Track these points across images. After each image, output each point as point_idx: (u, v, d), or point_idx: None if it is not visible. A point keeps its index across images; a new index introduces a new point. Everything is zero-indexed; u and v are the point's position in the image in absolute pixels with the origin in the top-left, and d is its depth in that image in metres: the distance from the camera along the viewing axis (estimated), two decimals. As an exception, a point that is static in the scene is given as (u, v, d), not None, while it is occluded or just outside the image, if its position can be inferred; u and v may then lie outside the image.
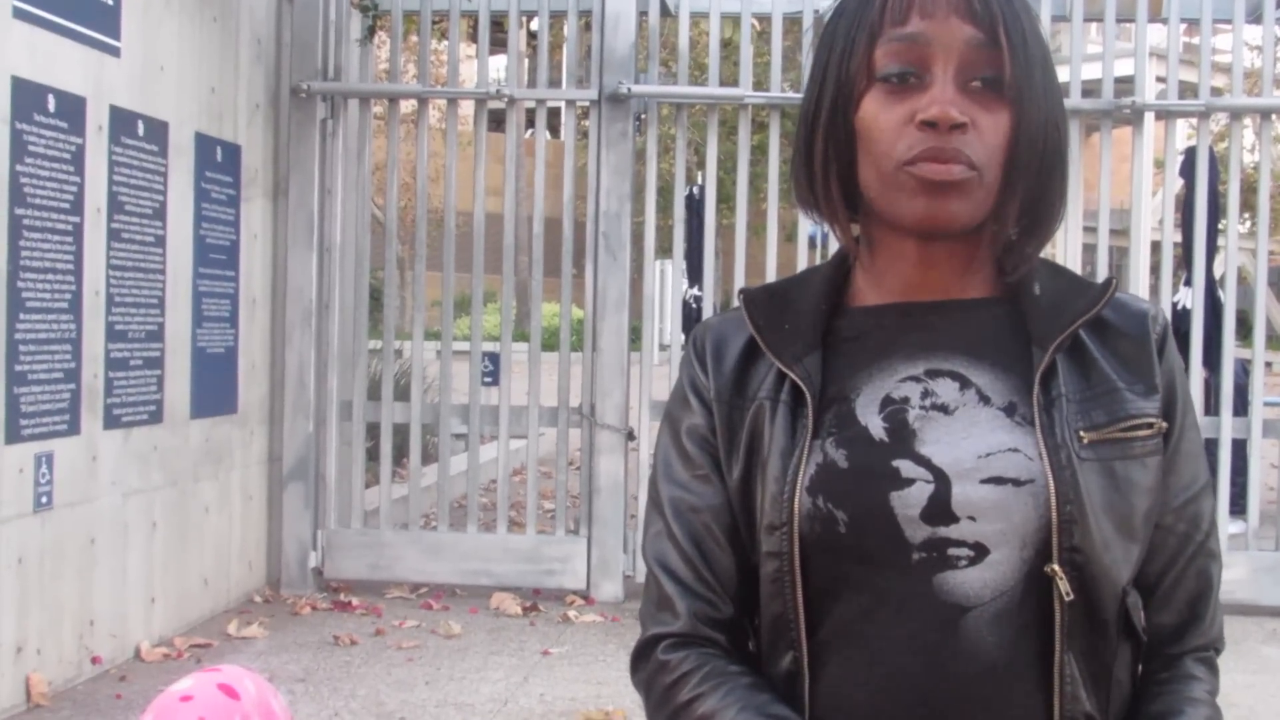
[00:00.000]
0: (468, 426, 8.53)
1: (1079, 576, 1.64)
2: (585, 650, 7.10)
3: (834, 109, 1.71)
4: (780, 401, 1.74)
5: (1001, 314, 1.77)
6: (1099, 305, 1.76)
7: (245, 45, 7.90)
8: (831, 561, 1.66)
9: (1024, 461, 1.65)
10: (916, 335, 1.75)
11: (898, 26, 1.66)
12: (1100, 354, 1.75)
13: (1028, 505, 1.64)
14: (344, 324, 8.46)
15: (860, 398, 1.72)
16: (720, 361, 1.82)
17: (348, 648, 7.02)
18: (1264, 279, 8.45)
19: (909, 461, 1.66)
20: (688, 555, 1.79)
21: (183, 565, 7.25)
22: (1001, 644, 1.65)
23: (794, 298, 1.83)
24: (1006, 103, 1.66)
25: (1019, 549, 1.64)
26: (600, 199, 8.31)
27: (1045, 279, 1.79)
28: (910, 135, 1.64)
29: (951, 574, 1.64)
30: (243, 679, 2.14)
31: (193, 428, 7.31)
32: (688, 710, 1.74)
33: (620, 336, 8.34)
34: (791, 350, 1.76)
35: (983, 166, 1.64)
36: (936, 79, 1.65)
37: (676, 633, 1.79)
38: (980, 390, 1.71)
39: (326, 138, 8.39)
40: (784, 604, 1.69)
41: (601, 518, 8.30)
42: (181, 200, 7.16)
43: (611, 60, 8.31)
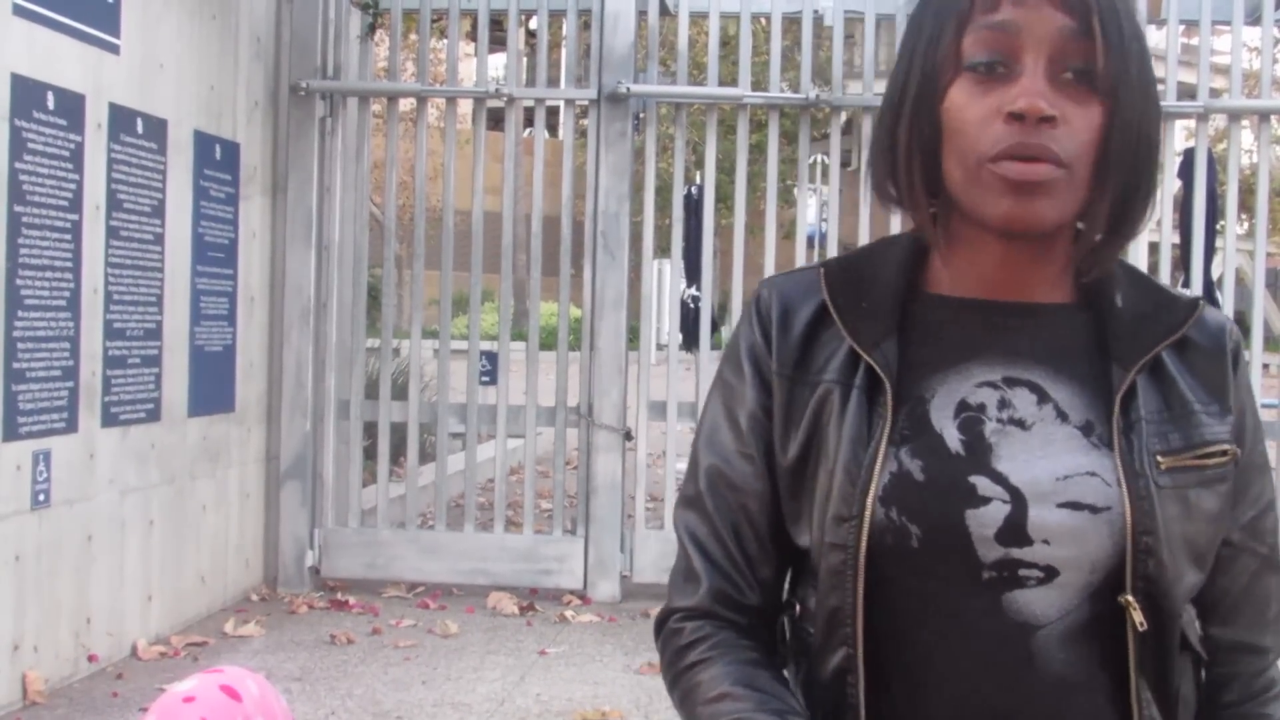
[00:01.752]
0: (465, 426, 8.53)
1: (1151, 606, 1.63)
2: (582, 650, 7.09)
3: (919, 98, 1.66)
4: (855, 386, 1.69)
5: (1081, 324, 1.73)
6: (1184, 327, 1.73)
7: (244, 43, 7.90)
8: (897, 573, 1.64)
9: (1102, 487, 1.62)
10: (995, 338, 1.71)
11: (988, 14, 1.61)
12: (1179, 372, 1.71)
13: (1103, 533, 1.61)
14: (342, 322, 8.46)
15: (935, 399, 1.68)
16: (786, 330, 1.76)
17: (344, 647, 7.02)
18: (1261, 280, 8.45)
19: (986, 479, 1.63)
20: (719, 532, 1.78)
21: (180, 563, 7.24)
22: (1070, 662, 1.64)
23: (870, 274, 1.77)
24: (1099, 96, 1.60)
25: (1088, 573, 1.62)
26: (599, 198, 8.31)
27: (1126, 288, 1.75)
28: (997, 128, 1.58)
29: (1020, 593, 1.62)
30: (245, 680, 2.14)
31: (190, 426, 7.31)
32: (690, 673, 1.75)
33: (618, 336, 8.33)
34: (869, 333, 1.70)
35: (1071, 163, 1.58)
36: (1026, 70, 1.59)
37: (694, 607, 1.79)
38: (1058, 406, 1.68)
39: (325, 136, 8.39)
40: (843, 598, 1.65)
41: (599, 518, 8.30)
42: (180, 198, 7.16)
43: (610, 59, 8.30)
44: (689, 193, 9.48)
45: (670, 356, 8.68)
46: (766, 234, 8.47)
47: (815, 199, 22.08)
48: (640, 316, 8.56)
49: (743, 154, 8.49)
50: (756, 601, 1.78)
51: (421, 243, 8.48)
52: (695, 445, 1.84)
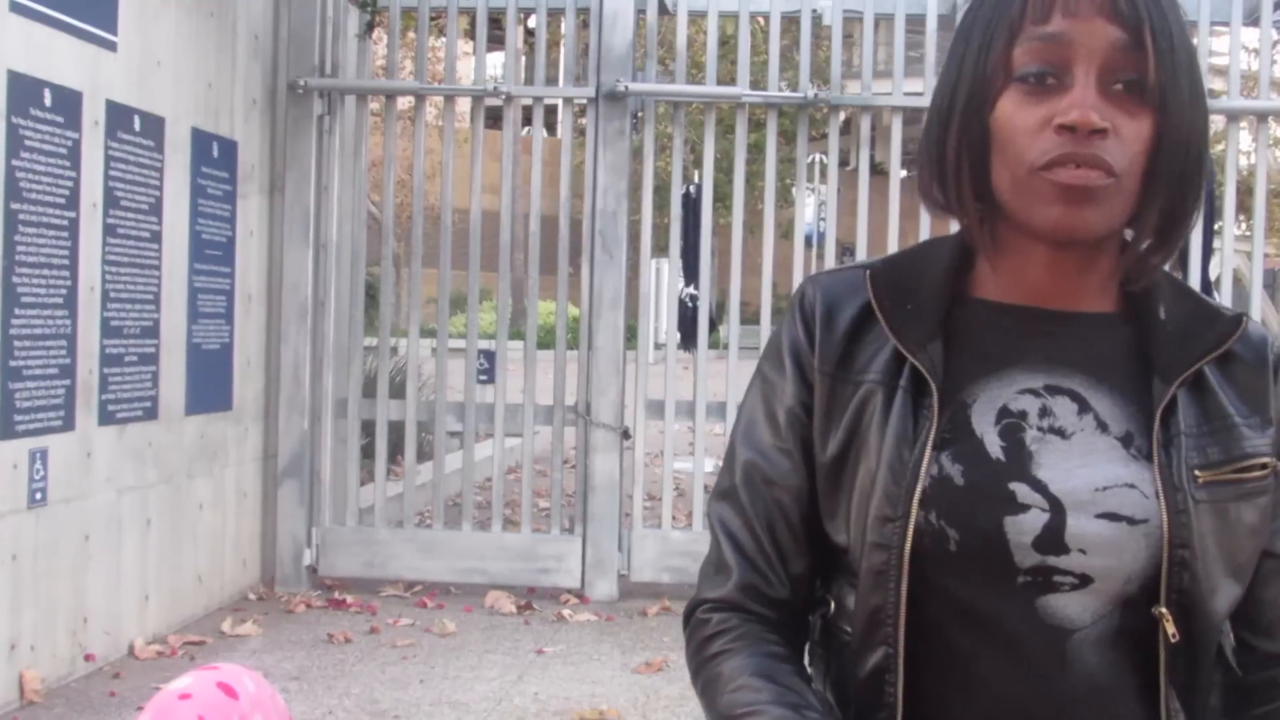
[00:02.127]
0: (463, 424, 8.52)
1: (1184, 618, 1.64)
2: (580, 649, 7.09)
3: (969, 106, 1.66)
4: (900, 388, 1.69)
5: (1125, 335, 1.74)
6: (1228, 343, 1.73)
7: (242, 41, 7.89)
8: (933, 575, 1.65)
9: (1140, 499, 1.63)
10: (1038, 345, 1.71)
11: (1039, 24, 1.61)
12: (1219, 385, 1.71)
13: (1140, 545, 1.62)
14: (339, 321, 8.45)
15: (976, 404, 1.69)
16: (830, 328, 1.77)
17: (342, 646, 7.01)
18: (1259, 281, 8.44)
19: (1025, 486, 1.63)
20: (752, 526, 1.79)
21: (177, 562, 7.23)
22: (1104, 667, 1.65)
23: (916, 276, 1.78)
24: (1149, 108, 1.60)
25: (1123, 583, 1.63)
26: (597, 197, 8.30)
27: (1170, 301, 1.75)
28: (1047, 139, 1.59)
29: (1055, 597, 1.63)
30: (242, 677, 2.13)
31: (188, 424, 7.30)
32: (712, 663, 1.77)
33: (616, 335, 8.33)
34: (915, 335, 1.71)
35: (1122, 174, 1.58)
36: (1077, 81, 1.59)
37: (722, 599, 1.80)
38: (1098, 416, 1.68)
39: (323, 134, 8.38)
40: (885, 597, 1.66)
41: (596, 516, 8.29)
42: (177, 196, 7.15)
43: (609, 58, 8.30)
44: (687, 192, 9.47)
45: (668, 356, 8.67)
46: (764, 233, 8.46)
47: (814, 199, 22.09)
48: (638, 315, 8.55)
49: (741, 153, 8.49)
50: (786, 596, 1.79)
51: (419, 241, 8.47)
52: (732, 438, 1.86)
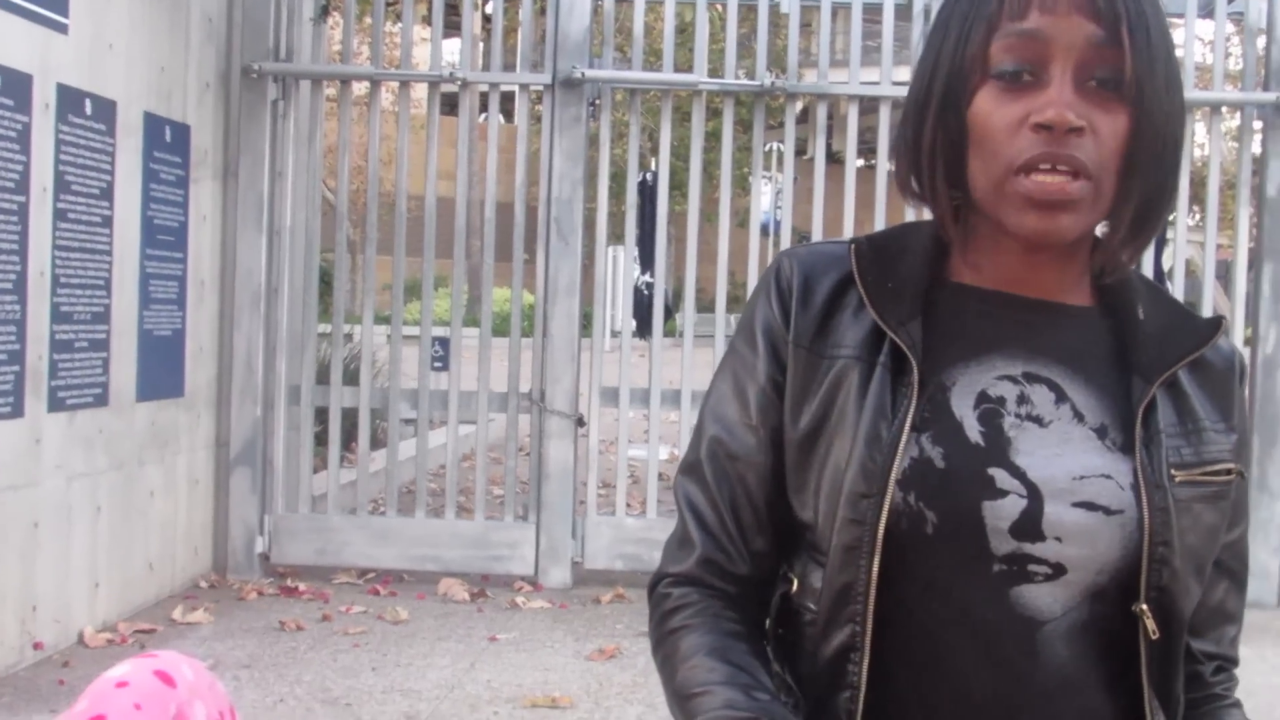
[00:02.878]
0: (417, 411, 8.50)
1: (1162, 615, 1.66)
2: (533, 636, 7.07)
3: (945, 101, 1.66)
4: (879, 364, 1.69)
5: (1101, 329, 1.75)
6: (1207, 345, 1.74)
7: (196, 24, 7.83)
8: (907, 557, 1.64)
9: (1116, 490, 1.64)
10: (1017, 332, 1.72)
11: (1016, 21, 1.61)
12: (1192, 388, 1.73)
13: (1114, 536, 1.63)
14: (293, 307, 8.41)
15: (956, 387, 1.69)
16: (807, 302, 1.76)
17: (294, 633, 6.98)
18: (1211, 271, 8.48)
19: (1004, 472, 1.64)
20: (715, 501, 1.79)
21: (127, 550, 7.18)
22: (1073, 658, 1.66)
23: (897, 256, 1.77)
24: (1126, 104, 1.60)
25: (1095, 573, 1.64)
26: (553, 184, 8.28)
27: (1148, 302, 1.76)
28: (1024, 138, 1.59)
29: (1028, 587, 1.64)
30: (180, 665, 2.10)
31: (139, 411, 7.25)
32: (671, 638, 1.78)
33: (571, 322, 8.31)
34: (895, 312, 1.71)
35: (1097, 173, 1.59)
36: (1054, 78, 1.59)
37: (683, 573, 1.81)
38: (1075, 406, 1.69)
39: (277, 119, 8.33)
40: (855, 574, 1.66)
41: (550, 504, 8.28)
42: (129, 180, 7.09)
43: (565, 44, 8.27)
44: (644, 179, 9.47)
45: (623, 343, 8.66)
46: (721, 222, 8.46)
47: (770, 187, 22.13)
48: (593, 303, 8.54)
49: (698, 141, 8.47)
50: (747, 571, 1.80)
51: (374, 227, 8.44)
52: (702, 413, 1.86)
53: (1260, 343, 8.26)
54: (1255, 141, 8.57)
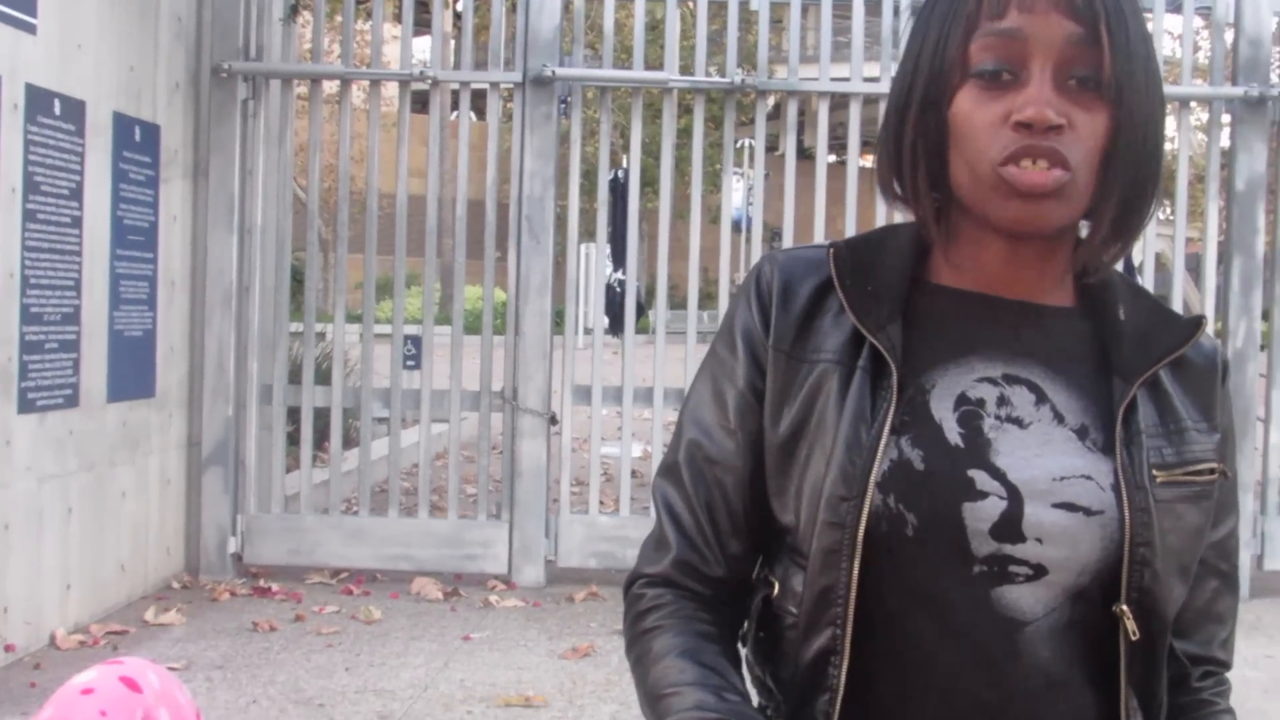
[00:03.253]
0: (389, 410, 8.49)
1: (1144, 616, 1.65)
2: (506, 635, 7.07)
3: (926, 101, 1.67)
4: (858, 368, 1.69)
5: (1082, 329, 1.75)
6: (1187, 344, 1.75)
7: (165, 24, 7.81)
8: (888, 560, 1.65)
9: (1096, 491, 1.64)
10: (997, 334, 1.72)
11: (995, 20, 1.61)
12: (1174, 388, 1.73)
13: (1095, 536, 1.63)
14: (264, 307, 8.39)
15: (935, 390, 1.69)
16: (787, 306, 1.77)
17: (266, 634, 6.96)
18: (1181, 264, 8.52)
19: (984, 474, 1.64)
20: (692, 504, 1.80)
21: (99, 551, 7.16)
22: (1055, 659, 1.66)
23: (877, 259, 1.78)
24: (1106, 102, 1.60)
25: (1076, 574, 1.64)
26: (524, 182, 8.27)
27: (1128, 302, 1.76)
28: (1005, 136, 1.59)
29: (1009, 588, 1.64)
30: (145, 671, 2.10)
31: (110, 412, 7.23)
32: (644, 638, 1.78)
33: (543, 320, 8.31)
34: (875, 316, 1.71)
35: (1077, 168, 1.59)
36: (1033, 77, 1.59)
37: (658, 574, 1.81)
38: (1055, 407, 1.69)
39: (248, 118, 8.31)
40: (836, 577, 1.66)
41: (523, 502, 8.28)
42: (99, 181, 7.07)
43: (536, 42, 8.27)
44: (615, 177, 9.46)
45: (596, 340, 8.66)
46: (692, 218, 8.46)
47: (742, 184, 22.14)
48: (566, 300, 8.53)
49: (669, 138, 8.47)
50: (722, 574, 1.80)
51: (345, 226, 8.42)
52: (681, 415, 1.87)
53: (1230, 337, 8.29)
54: (1224, 135, 8.61)
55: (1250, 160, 8.35)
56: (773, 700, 1.78)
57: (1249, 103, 8.28)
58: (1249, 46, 8.37)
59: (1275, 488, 8.52)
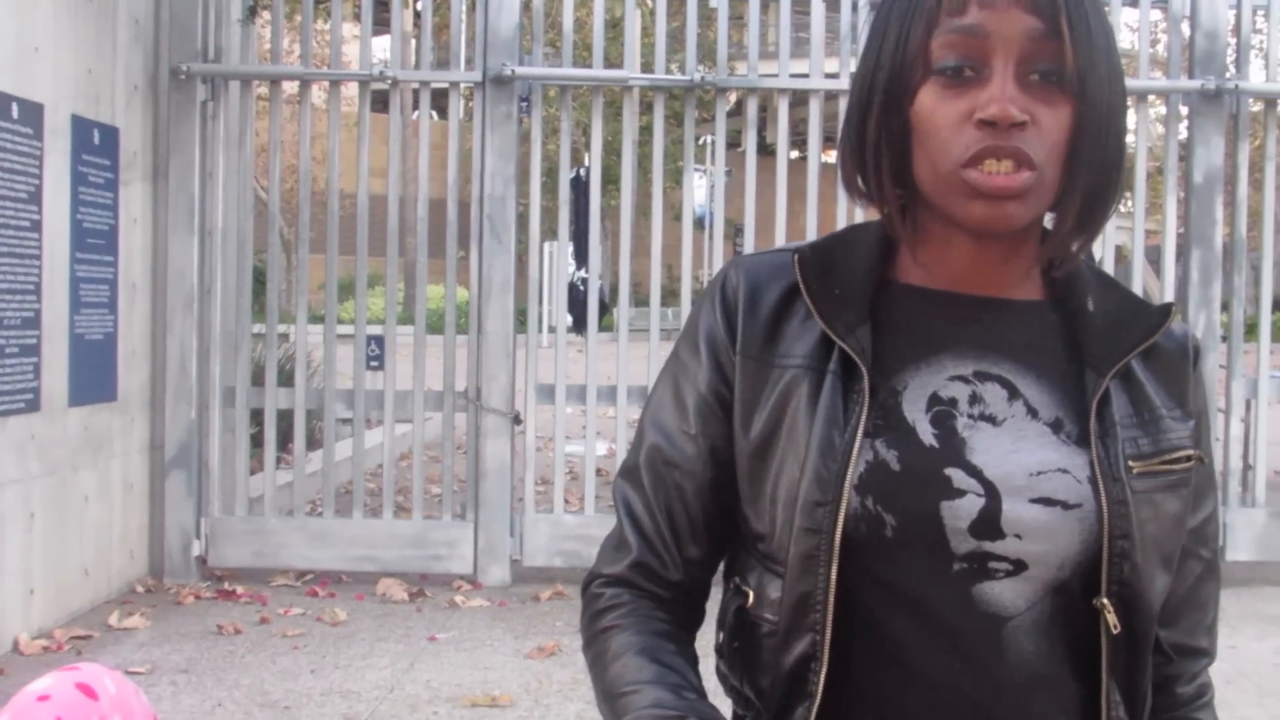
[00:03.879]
0: (353, 411, 8.47)
1: (1125, 609, 1.65)
2: (472, 635, 7.07)
3: (888, 98, 1.65)
4: (829, 371, 1.68)
5: (1051, 322, 1.74)
6: (1158, 333, 1.75)
7: (123, 26, 7.78)
8: (868, 562, 1.64)
9: (1073, 484, 1.64)
10: (967, 331, 1.71)
11: (955, 16, 1.60)
12: (1146, 377, 1.73)
13: (1074, 530, 1.63)
14: (226, 309, 8.37)
15: (907, 391, 1.68)
16: (754, 312, 1.75)
17: (232, 637, 6.95)
18: (1140, 254, 8.56)
19: (961, 471, 1.63)
20: (651, 507, 1.79)
21: (62, 556, 7.14)
22: (1040, 653, 1.65)
23: (842, 260, 1.76)
24: (1068, 96, 1.59)
25: (1056, 568, 1.64)
26: (485, 181, 8.27)
27: (1098, 293, 1.76)
28: (969, 134, 1.58)
29: (990, 584, 1.64)
30: (102, 678, 2.10)
31: (71, 416, 7.20)
32: (601, 638, 1.78)
33: (506, 319, 8.30)
34: (843, 319, 1.70)
35: (1042, 165, 1.59)
36: (996, 73, 1.58)
37: (616, 575, 1.81)
38: (1028, 402, 1.68)
39: (207, 120, 8.29)
40: (814, 583, 1.65)
41: (488, 502, 8.27)
42: (58, 184, 7.04)
43: (495, 42, 8.26)
44: (577, 175, 9.46)
45: (559, 339, 8.66)
46: (654, 216, 8.46)
47: (705, 180, 22.13)
48: (528, 299, 8.53)
49: (629, 136, 8.48)
50: (679, 578, 1.80)
51: (306, 227, 8.40)
52: (643, 416, 1.86)
53: (1190, 328, 8.32)
54: (1182, 128, 8.65)
55: (1208, 153, 8.40)
56: (751, 710, 1.77)
57: (1206, 96, 8.33)
58: (1205, 40, 8.42)
59: (1236, 478, 8.58)
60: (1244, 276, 8.74)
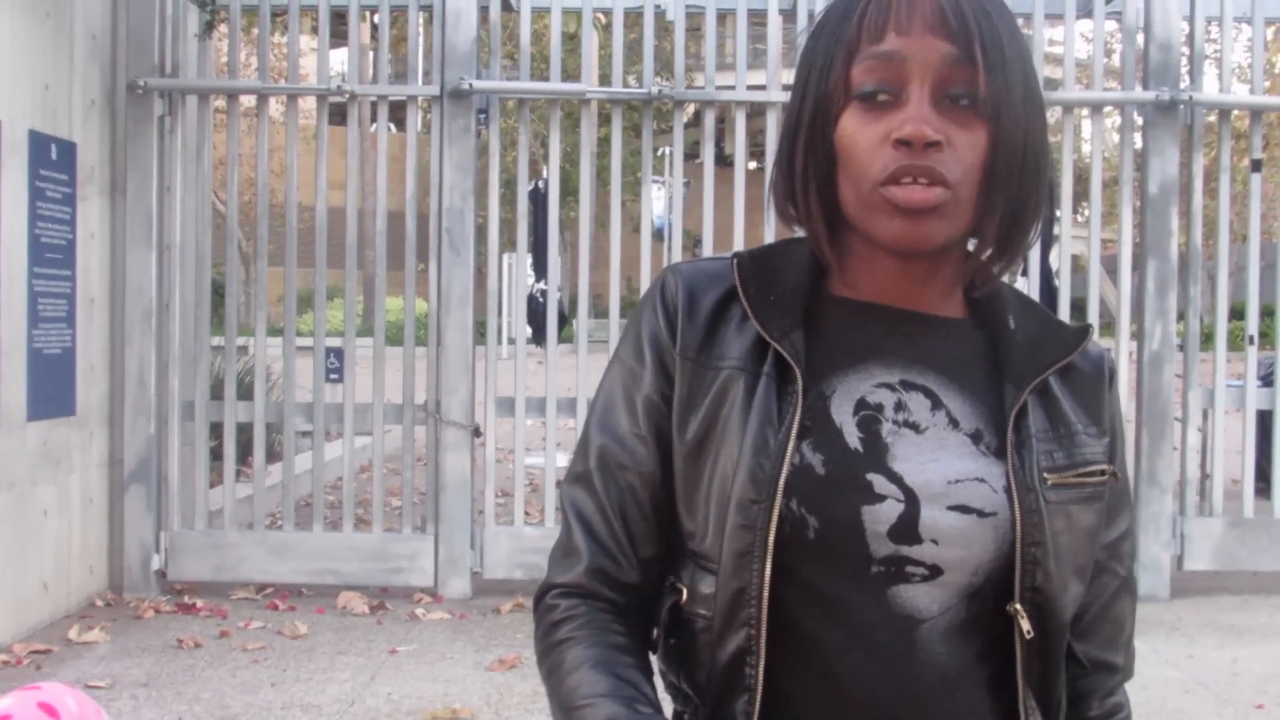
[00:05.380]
0: (313, 424, 8.47)
1: (1038, 615, 1.70)
2: (433, 648, 7.08)
3: (813, 125, 1.71)
4: (763, 374, 1.72)
5: (974, 339, 1.79)
6: (1076, 351, 1.80)
7: (79, 41, 7.77)
8: (791, 562, 1.67)
9: (989, 493, 1.68)
10: (894, 342, 1.76)
11: (873, 44, 1.65)
12: (1062, 394, 1.78)
13: (988, 537, 1.67)
14: (185, 323, 8.36)
15: (835, 395, 1.72)
16: (693, 314, 1.79)
17: (192, 650, 6.94)
18: (1096, 263, 8.62)
19: (882, 477, 1.67)
20: (604, 509, 1.81)
21: (21, 570, 7.12)
22: (952, 656, 1.69)
23: (778, 269, 1.81)
24: (983, 119, 1.64)
25: (970, 574, 1.68)
26: (443, 195, 8.28)
27: (1018, 312, 1.81)
28: (886, 154, 1.63)
29: (906, 588, 1.67)
30: (64, 696, 2.11)
31: (29, 430, 7.19)
32: (557, 650, 1.79)
33: (465, 332, 8.32)
34: (778, 323, 1.74)
35: (957, 184, 1.63)
36: (912, 97, 1.63)
37: (571, 584, 1.82)
38: (950, 413, 1.73)
39: (165, 134, 8.28)
40: (748, 579, 1.68)
41: (448, 515, 8.28)
42: (14, 199, 7.03)
43: (453, 55, 8.28)
44: (535, 187, 9.48)
45: (519, 351, 8.68)
46: (613, 227, 8.48)
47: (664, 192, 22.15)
48: (487, 312, 8.54)
49: (587, 149, 8.50)
50: (635, 580, 1.81)
51: (265, 240, 8.40)
52: (587, 424, 1.88)
53: (1146, 339, 8.39)
54: (1137, 138, 8.72)
55: (1163, 164, 8.47)
56: (689, 705, 1.80)
57: (1160, 107, 8.40)
58: (1159, 51, 8.49)
59: (1193, 488, 8.63)
60: (1200, 286, 8.81)
